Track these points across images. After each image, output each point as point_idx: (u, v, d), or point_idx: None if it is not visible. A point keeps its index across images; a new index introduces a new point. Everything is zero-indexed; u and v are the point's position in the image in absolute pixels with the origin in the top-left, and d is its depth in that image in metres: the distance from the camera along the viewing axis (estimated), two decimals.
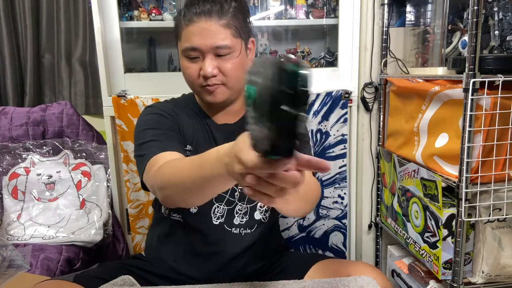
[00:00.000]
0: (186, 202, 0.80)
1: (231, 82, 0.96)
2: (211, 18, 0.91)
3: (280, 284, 0.91)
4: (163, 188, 0.77)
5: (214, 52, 0.92)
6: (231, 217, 1.01)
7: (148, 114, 0.99)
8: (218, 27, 0.91)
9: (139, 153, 0.91)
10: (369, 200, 1.72)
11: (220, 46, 0.92)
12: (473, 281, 1.22)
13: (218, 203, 1.00)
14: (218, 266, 1.00)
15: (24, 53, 1.68)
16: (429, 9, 1.45)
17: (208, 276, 0.99)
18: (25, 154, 1.52)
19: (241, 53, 0.96)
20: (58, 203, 1.49)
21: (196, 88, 0.98)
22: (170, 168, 0.77)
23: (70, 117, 1.59)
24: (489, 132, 1.09)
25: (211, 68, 0.92)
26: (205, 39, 0.91)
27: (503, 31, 1.20)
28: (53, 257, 1.28)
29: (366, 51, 1.62)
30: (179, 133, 0.98)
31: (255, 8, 1.71)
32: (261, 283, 0.92)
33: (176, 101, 1.08)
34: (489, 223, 1.17)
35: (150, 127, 0.95)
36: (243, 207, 1.02)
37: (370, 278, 0.89)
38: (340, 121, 1.61)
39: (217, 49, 0.92)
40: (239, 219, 1.02)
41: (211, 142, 1.01)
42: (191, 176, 0.69)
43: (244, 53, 0.97)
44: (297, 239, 1.65)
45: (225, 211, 1.01)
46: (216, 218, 1.01)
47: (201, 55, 0.93)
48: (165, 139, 0.91)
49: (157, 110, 0.99)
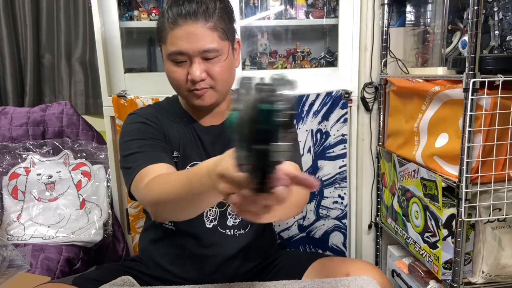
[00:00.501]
0: (177, 217, 0.82)
1: (219, 85, 0.94)
2: (198, 20, 0.88)
3: (280, 284, 0.91)
4: (153, 205, 0.78)
5: (202, 55, 0.90)
6: (224, 219, 1.00)
7: (132, 123, 0.97)
8: (205, 30, 0.89)
9: (125, 165, 0.90)
10: (369, 200, 1.72)
11: (208, 50, 0.89)
12: (473, 281, 1.22)
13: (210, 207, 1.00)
14: (214, 267, 1.00)
15: (24, 53, 1.68)
16: (429, 9, 1.45)
17: (205, 278, 0.99)
18: (25, 154, 1.52)
19: (228, 55, 0.94)
20: (58, 203, 1.49)
21: (183, 92, 0.96)
22: (158, 184, 0.77)
23: (70, 117, 1.59)
24: (489, 132, 1.09)
25: (199, 72, 0.90)
26: (192, 43, 0.88)
27: (503, 31, 1.20)
28: (53, 257, 1.28)
29: (366, 51, 1.62)
30: (165, 140, 0.97)
31: (255, 8, 1.71)
32: (261, 283, 0.92)
33: (159, 106, 1.06)
34: (489, 223, 1.17)
35: (135, 138, 0.93)
36: None
37: (370, 278, 0.89)
38: (340, 121, 1.61)
39: (205, 52, 0.90)
40: (232, 221, 1.01)
41: (198, 145, 1.00)
42: (180, 193, 0.70)
43: (231, 55, 0.96)
44: (297, 239, 1.65)
45: (218, 214, 1.00)
46: (209, 221, 1.00)
47: (188, 59, 0.91)
48: (151, 151, 0.90)
49: (141, 118, 0.97)
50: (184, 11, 0.87)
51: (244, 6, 1.68)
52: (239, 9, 1.58)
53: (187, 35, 0.88)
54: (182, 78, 0.93)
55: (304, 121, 1.59)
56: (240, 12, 1.59)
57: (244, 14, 1.68)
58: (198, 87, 0.92)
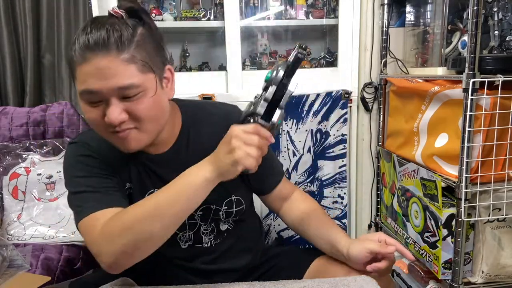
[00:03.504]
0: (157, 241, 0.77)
1: (146, 125, 0.79)
2: (109, 52, 0.72)
3: (280, 284, 0.91)
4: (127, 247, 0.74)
5: (119, 94, 0.74)
6: (199, 238, 0.96)
7: (76, 156, 0.87)
8: (119, 63, 0.73)
9: (74, 202, 0.83)
10: (369, 200, 1.72)
11: (124, 87, 0.73)
12: (473, 281, 1.22)
13: (182, 232, 0.94)
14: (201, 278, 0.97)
15: (24, 53, 1.68)
16: (429, 9, 1.45)
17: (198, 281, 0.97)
18: (25, 154, 1.52)
19: (156, 90, 0.78)
20: (58, 203, 1.49)
21: (104, 135, 0.81)
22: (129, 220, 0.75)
23: (70, 117, 1.59)
24: (489, 132, 1.09)
25: (117, 114, 0.74)
26: (103, 79, 0.72)
27: (503, 31, 1.21)
28: (54, 257, 1.28)
29: (366, 51, 1.62)
30: (113, 173, 0.87)
31: (255, 8, 1.71)
32: (260, 283, 0.92)
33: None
34: (489, 223, 1.17)
35: (82, 175, 0.84)
36: (207, 225, 0.96)
37: (369, 278, 0.89)
38: (340, 121, 1.61)
39: (122, 90, 0.73)
40: (207, 237, 0.96)
41: (149, 174, 0.91)
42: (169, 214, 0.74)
43: (159, 89, 0.79)
44: (297, 238, 1.65)
45: (192, 235, 0.95)
46: (184, 242, 0.95)
47: (103, 99, 0.75)
48: (102, 191, 0.82)
49: (84, 150, 0.87)
50: (92, 41, 0.72)
51: (244, 6, 1.68)
52: (239, 9, 1.59)
53: (98, 71, 0.72)
54: (99, 119, 0.77)
55: (304, 121, 1.60)
56: (240, 12, 1.60)
57: (244, 14, 1.68)
58: (118, 129, 0.77)
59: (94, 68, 0.72)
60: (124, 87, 0.73)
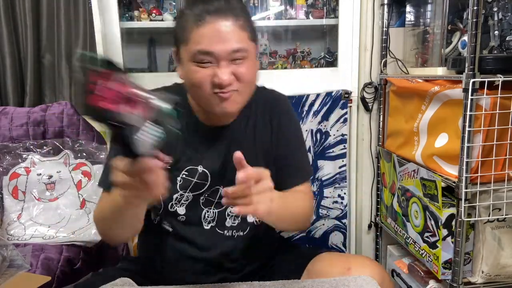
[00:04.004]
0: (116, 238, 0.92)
1: (246, 88, 0.87)
2: (227, 18, 0.81)
3: (280, 284, 0.91)
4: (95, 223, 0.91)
5: (230, 57, 0.82)
6: (223, 219, 0.97)
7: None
8: (236, 28, 0.82)
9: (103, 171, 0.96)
10: (369, 200, 1.72)
11: (237, 50, 0.82)
12: (473, 281, 1.22)
13: (207, 208, 0.96)
14: (212, 269, 0.98)
15: (24, 53, 1.68)
16: (428, 9, 1.45)
17: (203, 279, 0.98)
18: (25, 154, 1.52)
19: (255, 58, 0.89)
20: (58, 203, 1.49)
21: (205, 96, 0.86)
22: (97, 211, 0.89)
23: (70, 117, 1.59)
24: (489, 132, 1.09)
25: (228, 75, 0.82)
26: (221, 42, 0.81)
27: (503, 31, 1.20)
28: (54, 257, 1.28)
29: (366, 51, 1.62)
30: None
31: (255, 8, 1.71)
32: (260, 283, 0.92)
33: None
34: (489, 223, 1.17)
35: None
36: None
37: (369, 277, 0.89)
38: (340, 121, 1.61)
39: (234, 52, 0.82)
40: (231, 221, 0.98)
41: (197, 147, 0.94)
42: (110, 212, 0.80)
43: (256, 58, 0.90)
44: (297, 238, 1.65)
45: (216, 215, 0.97)
46: (207, 223, 0.97)
47: (214, 60, 0.83)
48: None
49: None
50: (213, 8, 0.81)
51: None
52: None
53: (216, 33, 0.81)
54: (207, 80, 0.84)
55: (304, 121, 1.60)
56: None
57: None
58: (225, 90, 0.84)
59: (213, 30, 0.81)
60: (237, 50, 0.82)
